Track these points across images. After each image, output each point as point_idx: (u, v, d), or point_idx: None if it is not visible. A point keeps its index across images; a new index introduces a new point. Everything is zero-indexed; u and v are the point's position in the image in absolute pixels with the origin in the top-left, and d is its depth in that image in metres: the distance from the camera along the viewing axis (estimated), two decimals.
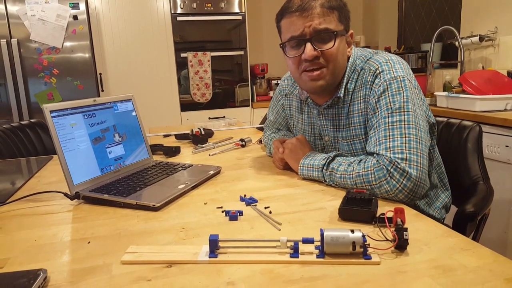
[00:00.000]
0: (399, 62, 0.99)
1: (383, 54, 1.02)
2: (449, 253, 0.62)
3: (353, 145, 1.05)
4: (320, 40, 0.95)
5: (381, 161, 0.88)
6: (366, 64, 1.01)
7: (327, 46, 0.95)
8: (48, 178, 1.20)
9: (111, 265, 0.63)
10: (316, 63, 0.96)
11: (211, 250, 0.63)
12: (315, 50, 0.94)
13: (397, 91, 0.93)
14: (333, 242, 0.61)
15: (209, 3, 3.17)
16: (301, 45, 0.96)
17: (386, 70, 0.96)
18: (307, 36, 0.94)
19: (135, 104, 1.21)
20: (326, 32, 0.94)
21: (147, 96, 3.14)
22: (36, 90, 2.80)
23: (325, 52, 0.95)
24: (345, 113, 1.04)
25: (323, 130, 1.11)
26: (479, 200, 1.06)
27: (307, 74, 0.98)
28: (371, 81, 0.98)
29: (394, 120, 0.90)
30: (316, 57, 0.95)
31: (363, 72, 1.00)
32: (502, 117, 1.85)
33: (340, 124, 1.06)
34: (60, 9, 2.76)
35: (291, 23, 0.96)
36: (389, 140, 0.89)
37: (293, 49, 0.98)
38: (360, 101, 1.00)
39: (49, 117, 0.93)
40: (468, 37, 2.68)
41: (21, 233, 0.77)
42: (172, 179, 1.05)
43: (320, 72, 0.97)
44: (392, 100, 0.92)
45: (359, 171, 0.90)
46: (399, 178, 0.85)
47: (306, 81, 1.00)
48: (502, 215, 1.87)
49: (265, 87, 3.65)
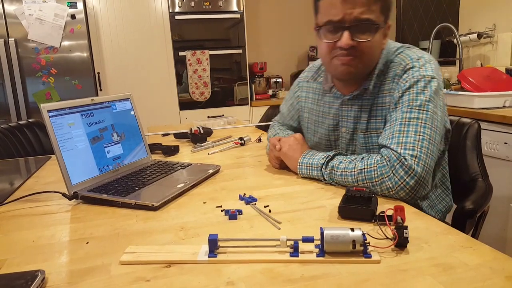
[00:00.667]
0: (431, 61, 0.96)
1: (415, 50, 0.99)
2: (449, 251, 0.62)
3: (369, 138, 1.02)
4: (359, 30, 0.90)
5: (388, 155, 0.87)
6: (397, 57, 0.99)
7: (366, 38, 0.91)
8: (46, 178, 1.19)
9: (109, 265, 0.62)
10: (350, 52, 0.92)
11: (211, 249, 0.63)
12: (353, 40, 0.90)
13: (422, 89, 0.91)
14: (333, 241, 0.60)
15: (207, 2, 3.16)
16: (338, 31, 0.92)
17: (417, 67, 0.94)
18: (347, 23, 0.90)
19: (133, 103, 1.21)
20: (367, 23, 0.90)
21: (145, 95, 3.13)
22: (34, 90, 2.79)
23: (362, 44, 0.92)
24: (370, 105, 1.01)
25: (343, 121, 1.07)
26: (478, 197, 1.06)
27: (339, 58, 0.94)
28: (399, 75, 0.96)
29: (412, 116, 0.89)
30: (352, 46, 0.91)
31: (393, 65, 0.98)
32: (501, 114, 1.85)
33: (362, 115, 1.03)
34: (57, 8, 2.75)
35: (331, 5, 0.91)
36: (402, 135, 0.88)
37: (329, 33, 0.94)
38: (385, 94, 0.98)
39: (47, 116, 0.93)
40: (466, 34, 2.68)
41: (19, 234, 0.77)
42: (171, 178, 1.04)
43: (352, 58, 0.93)
44: (415, 98, 0.91)
45: (361, 167, 0.89)
46: (402, 175, 0.84)
47: (337, 66, 0.96)
48: (501, 212, 1.87)
49: (264, 86, 3.64)
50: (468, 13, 2.79)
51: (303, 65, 3.98)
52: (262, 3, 3.80)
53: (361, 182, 0.89)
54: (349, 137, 1.07)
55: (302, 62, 4.00)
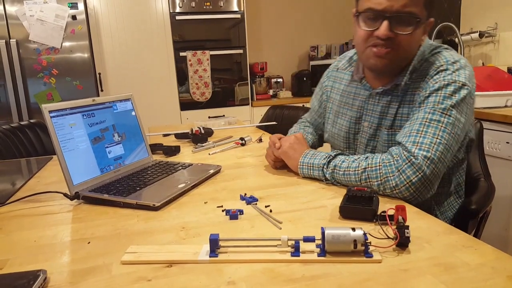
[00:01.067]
0: (466, 67, 0.93)
1: (453, 53, 0.97)
2: (451, 251, 0.62)
3: (394, 135, 0.99)
4: (399, 21, 0.88)
5: (398, 154, 0.85)
6: (432, 57, 0.96)
7: (405, 31, 0.88)
8: (48, 178, 1.20)
9: (111, 265, 0.62)
10: (387, 44, 0.90)
11: (212, 249, 0.63)
12: (391, 31, 0.88)
13: (450, 94, 0.88)
14: (334, 241, 0.60)
15: (208, 2, 3.16)
16: (377, 19, 0.89)
17: (450, 70, 0.91)
18: (388, 13, 0.87)
19: (134, 104, 1.21)
20: (409, 15, 0.87)
21: (146, 95, 3.13)
22: (36, 91, 2.80)
23: (401, 37, 0.89)
24: (399, 102, 0.98)
25: (367, 115, 1.05)
26: (481, 197, 1.05)
27: (373, 49, 0.92)
28: (431, 76, 0.93)
29: (434, 118, 0.87)
30: (389, 38, 0.89)
31: (427, 64, 0.96)
32: (503, 113, 1.84)
33: (389, 111, 1.00)
34: (58, 9, 2.76)
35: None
36: (420, 135, 0.85)
37: (368, 21, 0.91)
38: (415, 92, 0.95)
39: (48, 117, 0.93)
40: (468, 33, 2.67)
41: (21, 234, 0.77)
42: (172, 178, 1.04)
43: (388, 51, 0.91)
44: (441, 101, 0.88)
45: (365, 166, 0.88)
46: (409, 175, 0.83)
47: (370, 56, 0.94)
48: (503, 212, 1.87)
49: (265, 86, 3.64)
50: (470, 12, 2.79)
51: (303, 65, 3.98)
52: (263, 3, 3.80)
53: (364, 181, 0.88)
54: (371, 132, 1.05)
55: (303, 62, 4.00)
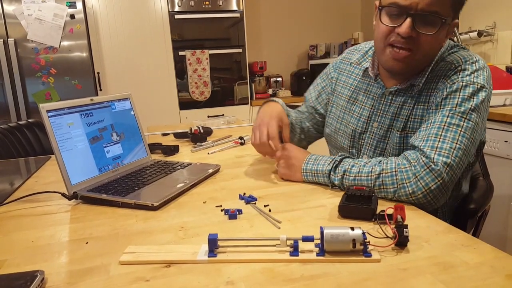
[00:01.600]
0: (485, 69, 0.90)
1: (471, 52, 0.94)
2: (450, 250, 0.62)
3: (405, 138, 0.95)
4: (423, 20, 0.84)
5: (416, 160, 0.82)
6: (450, 56, 0.93)
7: (428, 31, 0.85)
8: (46, 178, 1.19)
9: (109, 265, 0.62)
10: (407, 42, 0.86)
11: (210, 249, 0.63)
12: (413, 30, 0.85)
13: (469, 96, 0.86)
14: (333, 240, 0.60)
15: (207, 1, 3.16)
16: (401, 16, 0.85)
17: (468, 70, 0.88)
18: (412, 10, 0.83)
19: (133, 103, 1.20)
20: (434, 15, 0.83)
21: (145, 94, 3.13)
22: (34, 90, 2.79)
23: (422, 37, 0.85)
24: (413, 102, 0.95)
25: (377, 115, 1.01)
26: (479, 197, 1.05)
27: (393, 51, 0.89)
28: (448, 76, 0.90)
29: (453, 122, 0.84)
30: (411, 37, 0.85)
31: (443, 64, 0.92)
32: (501, 112, 1.84)
33: (401, 113, 0.96)
34: (57, 8, 2.75)
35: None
36: (439, 139, 0.82)
37: (390, 16, 0.88)
38: (430, 93, 0.92)
39: (46, 116, 0.92)
40: (466, 32, 2.67)
41: (19, 234, 0.77)
42: (170, 178, 1.04)
43: (407, 55, 0.88)
44: (460, 103, 0.85)
45: (379, 172, 0.84)
46: (428, 182, 0.80)
47: (388, 58, 0.91)
48: (502, 211, 1.87)
49: (264, 85, 3.64)
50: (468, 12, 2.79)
51: (303, 64, 3.98)
52: (262, 2, 3.80)
53: (378, 187, 0.84)
54: (381, 134, 1.01)
55: (302, 61, 4.00)
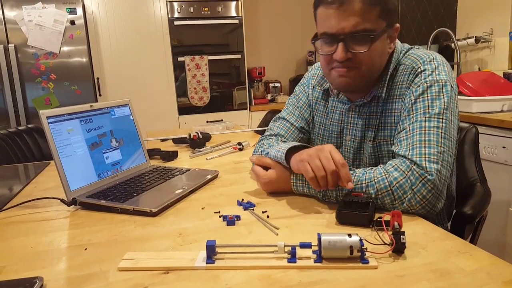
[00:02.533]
0: (444, 64, 0.92)
1: (426, 51, 0.95)
2: (447, 256, 0.62)
3: (379, 147, 0.97)
4: (355, 41, 0.87)
5: (408, 171, 0.80)
6: (406, 59, 0.95)
7: (361, 49, 0.87)
8: (45, 184, 1.19)
9: (108, 272, 0.62)
10: (347, 64, 0.89)
11: (208, 256, 0.63)
12: (348, 51, 0.87)
13: (437, 95, 0.87)
14: (331, 247, 0.61)
15: (206, 7, 3.17)
16: (334, 43, 0.88)
17: (429, 70, 0.90)
18: (341, 35, 0.86)
19: (132, 109, 1.21)
20: (362, 33, 0.85)
21: (144, 100, 3.14)
22: (34, 95, 2.79)
23: (359, 55, 0.88)
24: (380, 111, 0.96)
25: (348, 128, 1.02)
26: (477, 202, 1.06)
27: (337, 70, 0.91)
28: (410, 80, 0.91)
29: (432, 125, 0.84)
30: (348, 59, 0.88)
31: (402, 68, 0.94)
32: (499, 118, 1.85)
33: (370, 123, 0.98)
34: (57, 14, 2.76)
35: (326, 16, 0.87)
36: (424, 145, 0.82)
37: (326, 45, 0.91)
38: (396, 99, 0.94)
39: (46, 123, 0.93)
40: (464, 38, 2.69)
41: (18, 240, 0.77)
42: (169, 184, 1.04)
43: (348, 70, 0.90)
44: (431, 104, 0.86)
45: (375, 195, 0.82)
46: (425, 194, 0.79)
47: (335, 78, 0.93)
48: (500, 217, 1.87)
49: (263, 90, 3.65)
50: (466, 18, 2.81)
51: (301, 70, 4.00)
52: (261, 8, 3.82)
53: (376, 200, 0.82)
54: (356, 146, 1.02)
55: (301, 67, 4.02)
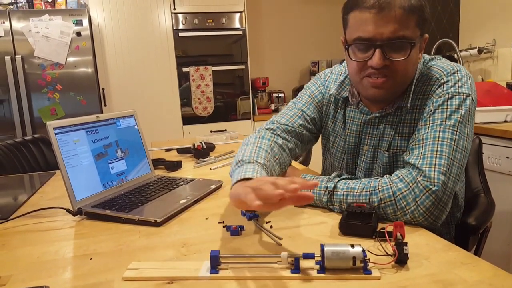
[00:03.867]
0: (467, 76, 0.90)
1: (449, 62, 0.93)
2: (450, 268, 0.62)
3: (394, 157, 0.95)
4: (393, 48, 0.84)
5: (413, 183, 0.80)
6: (429, 70, 0.93)
7: (400, 57, 0.84)
8: (51, 193, 1.21)
9: (113, 281, 0.63)
10: (383, 72, 0.86)
11: (212, 266, 0.63)
12: (385, 59, 0.84)
13: (456, 108, 0.85)
14: (334, 257, 0.61)
15: (210, 19, 3.21)
16: (369, 49, 0.85)
17: (451, 81, 0.88)
18: (379, 42, 0.83)
19: (137, 120, 1.23)
20: (401, 40, 0.83)
21: (149, 110, 3.16)
22: (40, 106, 2.83)
23: (396, 63, 0.85)
24: (397, 121, 0.95)
25: (366, 138, 1.00)
26: (481, 213, 1.06)
27: (370, 80, 0.88)
28: (432, 91, 0.89)
29: (446, 136, 0.83)
30: (384, 66, 0.85)
31: (425, 79, 0.92)
32: (502, 128, 1.85)
33: (386, 133, 0.96)
34: (63, 26, 2.81)
35: (362, 21, 0.83)
36: (435, 156, 0.81)
37: (359, 51, 0.88)
38: (416, 110, 0.92)
39: (53, 134, 0.94)
40: (467, 49, 2.70)
41: (24, 250, 0.78)
42: (173, 194, 1.05)
43: (385, 80, 0.87)
44: (449, 116, 0.85)
45: (378, 202, 0.81)
46: (428, 207, 0.78)
47: (368, 88, 0.90)
48: (505, 227, 1.86)
49: (266, 100, 3.67)
50: (468, 29, 2.83)
51: (305, 80, 4.02)
52: (264, 19, 3.86)
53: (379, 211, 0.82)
54: (370, 155, 1.01)
55: (304, 77, 4.04)
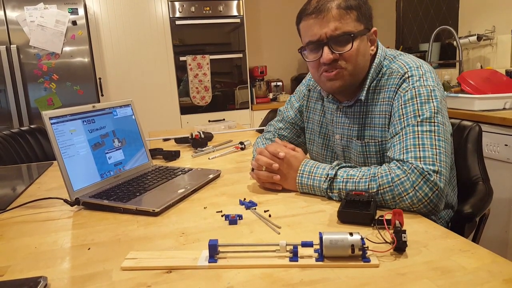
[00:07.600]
0: (431, 71, 0.96)
1: (413, 58, 0.99)
2: (448, 255, 0.62)
3: (367, 146, 1.02)
4: (337, 43, 0.94)
5: (409, 170, 0.82)
6: (394, 64, 0.99)
7: (345, 49, 0.94)
8: (49, 184, 1.20)
9: (111, 271, 0.63)
10: (334, 65, 0.95)
11: (211, 255, 0.63)
12: (333, 53, 0.94)
13: (426, 99, 0.90)
14: (332, 245, 0.61)
15: (207, 7, 3.18)
16: (319, 48, 0.95)
17: (416, 76, 0.94)
18: (324, 40, 0.94)
19: (134, 109, 1.22)
20: (343, 35, 0.93)
21: (146, 99, 3.15)
22: (36, 96, 2.81)
23: (344, 55, 0.94)
24: (366, 112, 1.02)
25: (337, 127, 1.09)
26: (478, 201, 1.06)
27: (325, 75, 0.97)
28: (397, 84, 0.95)
29: (424, 129, 0.87)
30: (334, 60, 0.94)
31: (389, 72, 0.98)
32: (501, 116, 1.85)
33: (358, 122, 1.04)
34: (59, 15, 2.77)
35: (308, 27, 0.96)
36: (418, 149, 0.85)
37: (312, 52, 0.98)
38: (383, 102, 0.98)
39: (49, 124, 0.93)
40: (466, 36, 2.68)
41: (22, 240, 0.78)
42: (171, 183, 1.05)
43: (338, 72, 0.96)
44: (421, 108, 0.89)
45: (376, 188, 0.83)
46: (427, 192, 0.80)
47: (325, 82, 0.99)
48: (503, 215, 1.87)
49: (265, 89, 3.65)
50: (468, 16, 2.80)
51: (303, 68, 4.00)
52: (262, 7, 3.82)
53: (379, 202, 0.84)
54: (344, 144, 1.09)
55: (302, 65, 4.02)
